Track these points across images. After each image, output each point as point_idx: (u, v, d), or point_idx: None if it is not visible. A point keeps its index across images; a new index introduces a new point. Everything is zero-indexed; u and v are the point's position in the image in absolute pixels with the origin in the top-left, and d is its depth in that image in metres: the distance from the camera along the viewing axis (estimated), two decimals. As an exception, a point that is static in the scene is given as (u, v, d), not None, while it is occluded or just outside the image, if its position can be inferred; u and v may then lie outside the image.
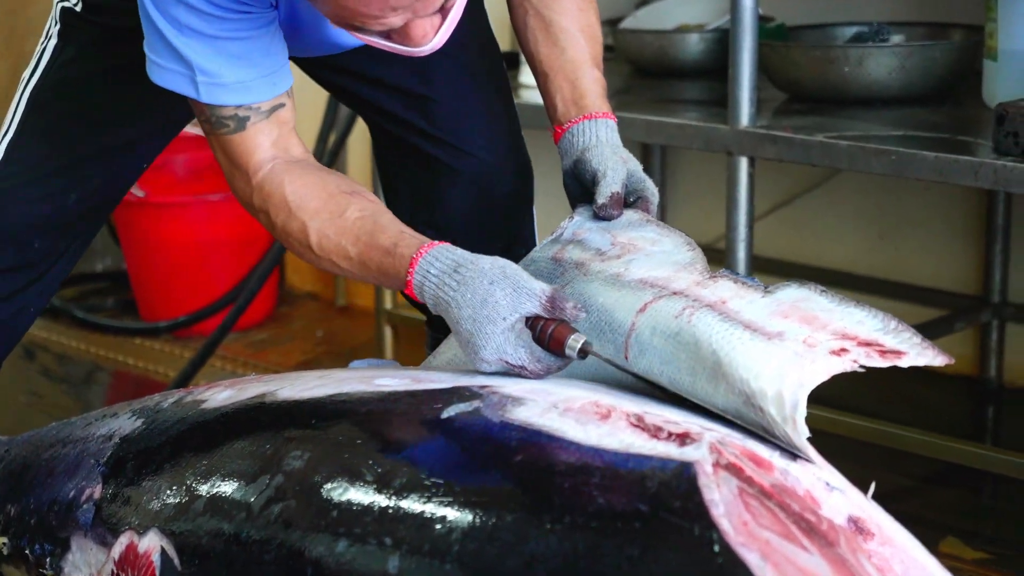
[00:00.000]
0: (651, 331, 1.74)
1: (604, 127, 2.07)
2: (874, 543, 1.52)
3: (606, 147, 2.05)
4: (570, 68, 2.10)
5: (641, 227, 1.98)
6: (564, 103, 2.09)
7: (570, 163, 2.08)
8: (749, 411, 1.61)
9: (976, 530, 2.77)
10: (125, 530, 1.86)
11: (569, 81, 2.10)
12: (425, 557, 1.52)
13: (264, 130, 1.97)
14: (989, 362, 3.30)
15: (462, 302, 1.77)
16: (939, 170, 2.45)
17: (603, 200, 1.99)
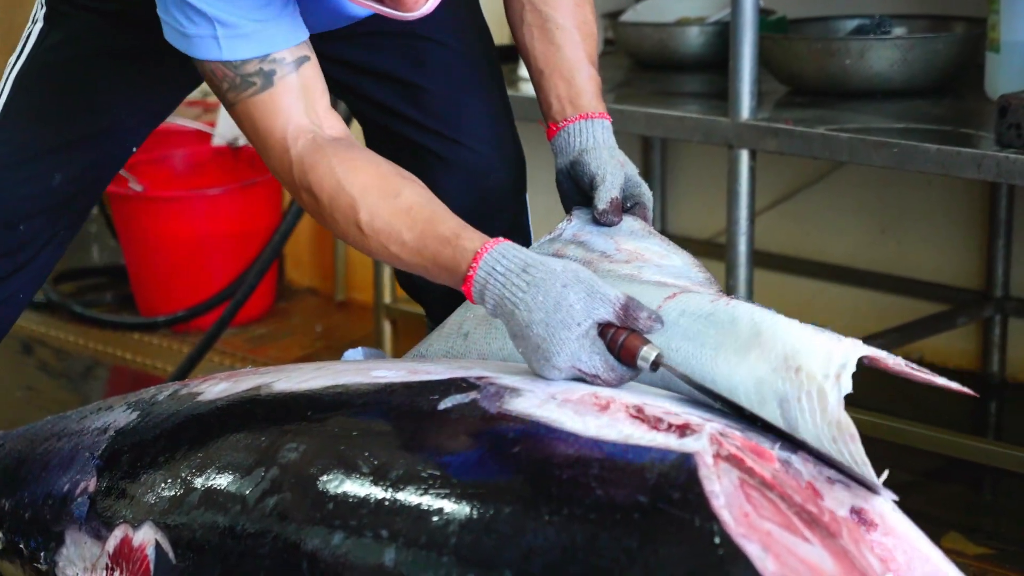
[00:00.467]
0: (679, 313, 1.73)
1: (600, 128, 2.07)
2: (877, 534, 1.51)
3: (604, 150, 2.04)
4: (566, 66, 2.09)
5: (645, 238, 1.97)
6: (560, 101, 2.08)
7: (566, 163, 2.07)
8: (776, 377, 1.58)
9: (978, 525, 2.76)
10: (120, 523, 1.84)
11: (565, 79, 2.09)
12: (422, 549, 1.51)
13: (293, 89, 1.87)
14: (992, 357, 3.28)
15: (533, 305, 1.67)
16: (941, 163, 2.44)
17: (603, 206, 1.98)
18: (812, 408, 1.58)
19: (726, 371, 1.66)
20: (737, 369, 1.65)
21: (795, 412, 1.59)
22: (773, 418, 1.61)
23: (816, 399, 1.58)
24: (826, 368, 1.56)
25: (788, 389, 1.59)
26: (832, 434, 1.56)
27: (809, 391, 1.58)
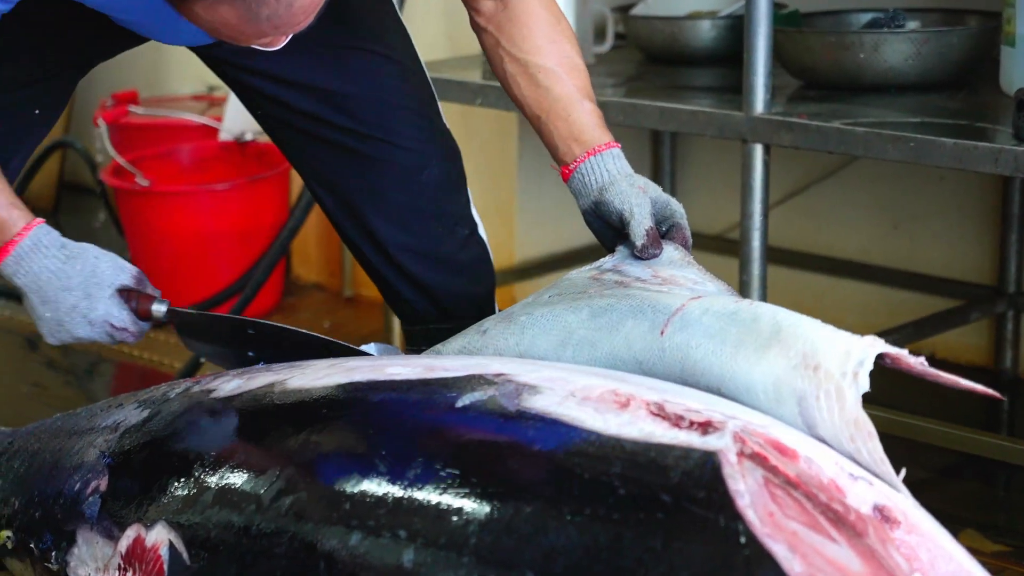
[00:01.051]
0: (702, 311, 1.72)
1: (611, 159, 2.03)
2: (900, 531, 1.48)
3: (622, 182, 2.00)
4: (559, 106, 2.06)
5: (683, 267, 1.96)
6: (563, 142, 2.06)
7: (589, 204, 2.04)
8: (795, 375, 1.57)
9: (992, 522, 2.74)
10: (132, 523, 1.82)
11: (562, 119, 2.06)
12: (441, 550, 1.49)
13: None
14: (1005, 353, 3.27)
15: (72, 272, 1.99)
16: (959, 157, 2.41)
17: (640, 242, 1.95)
18: (831, 407, 1.57)
19: (745, 368, 1.65)
20: (756, 367, 1.63)
21: (813, 411, 1.58)
22: (791, 417, 1.60)
23: (834, 397, 1.56)
24: (844, 366, 1.55)
25: (807, 387, 1.58)
26: (850, 433, 1.55)
27: (827, 389, 1.57)
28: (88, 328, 2.01)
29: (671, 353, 1.73)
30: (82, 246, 2.01)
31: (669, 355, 1.73)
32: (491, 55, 2.12)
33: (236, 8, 1.63)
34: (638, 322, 1.78)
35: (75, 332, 2.02)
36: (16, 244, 1.99)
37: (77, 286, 1.99)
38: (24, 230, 1.99)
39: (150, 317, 2.06)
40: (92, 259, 2.01)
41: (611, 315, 1.82)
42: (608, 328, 1.81)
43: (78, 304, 2.00)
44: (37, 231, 2.00)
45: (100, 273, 2.00)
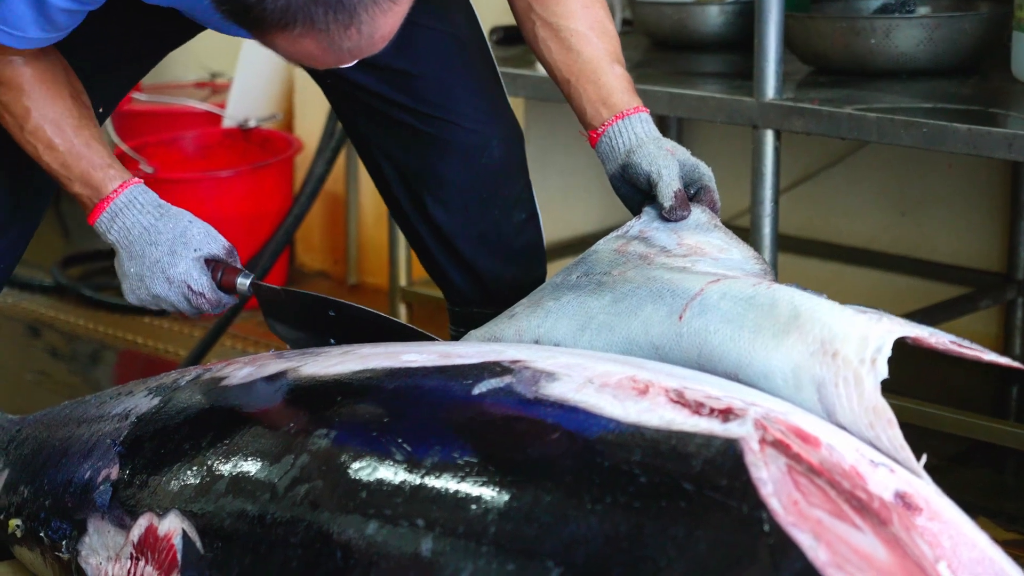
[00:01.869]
0: (720, 296, 1.71)
1: (639, 123, 2.03)
2: (922, 518, 1.47)
3: (650, 144, 2.00)
4: (589, 69, 2.06)
5: (708, 232, 1.94)
6: (592, 105, 2.05)
7: (616, 168, 2.04)
8: (813, 362, 1.56)
9: (1002, 509, 2.73)
10: (144, 512, 1.81)
11: (591, 82, 2.05)
12: (460, 539, 1.47)
13: None
14: (1014, 340, 3.26)
15: (162, 229, 2.01)
16: (972, 143, 2.40)
17: (669, 203, 1.95)
18: (849, 393, 1.56)
19: (763, 355, 1.63)
20: (774, 353, 1.62)
21: (832, 397, 1.56)
22: (811, 403, 1.58)
23: (853, 384, 1.55)
24: (862, 352, 1.53)
25: (825, 374, 1.57)
26: (869, 420, 1.54)
27: (846, 376, 1.55)
28: (166, 286, 2.01)
29: (688, 339, 1.71)
30: (179, 210, 2.04)
31: (687, 340, 1.72)
32: (523, 20, 2.11)
33: (320, 42, 1.63)
34: (657, 307, 1.76)
35: (153, 288, 2.01)
36: (111, 201, 2.02)
37: (164, 242, 2.00)
38: (120, 187, 2.02)
39: (234, 290, 2.04)
40: (186, 222, 2.02)
41: (631, 300, 1.81)
42: (627, 313, 1.80)
43: (161, 259, 2.00)
44: (133, 189, 2.02)
45: (189, 236, 2.01)
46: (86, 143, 2.03)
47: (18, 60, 2.00)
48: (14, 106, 2.02)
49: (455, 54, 2.25)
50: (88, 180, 2.03)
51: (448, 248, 2.28)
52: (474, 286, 2.30)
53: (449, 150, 2.24)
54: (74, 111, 2.04)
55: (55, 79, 2.03)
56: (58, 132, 2.02)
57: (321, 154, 3.76)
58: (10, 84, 2.01)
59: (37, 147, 2.03)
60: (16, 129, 2.03)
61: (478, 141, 2.25)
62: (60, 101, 2.03)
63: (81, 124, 2.04)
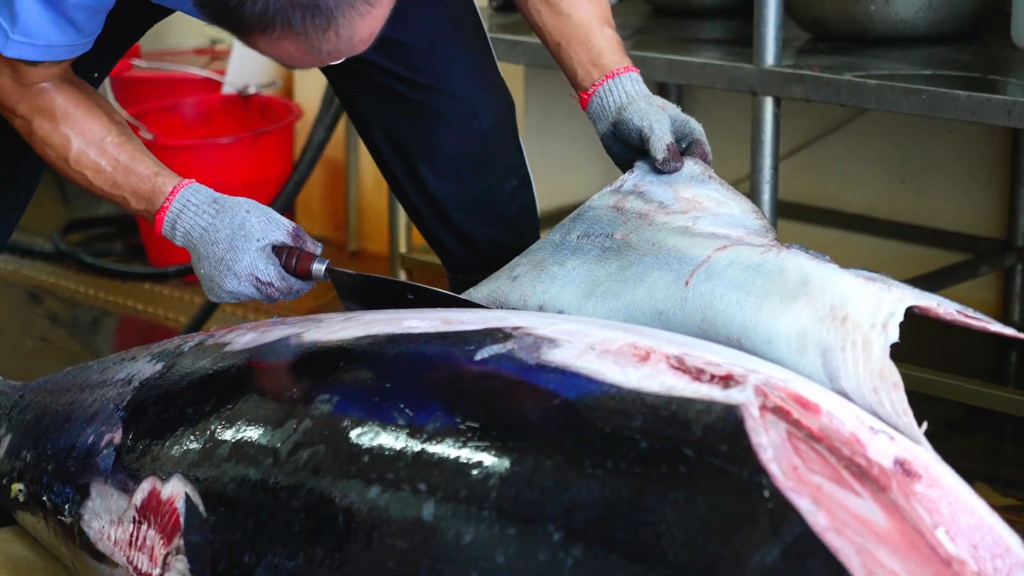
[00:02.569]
0: (728, 263, 1.71)
1: (630, 81, 2.05)
2: (921, 485, 1.48)
3: (640, 101, 2.02)
4: (580, 32, 2.07)
5: (704, 183, 1.95)
6: (582, 67, 2.06)
7: (607, 127, 2.05)
8: (821, 326, 1.57)
9: (999, 475, 2.74)
10: (147, 476, 1.82)
11: (582, 44, 2.07)
12: (462, 504, 1.48)
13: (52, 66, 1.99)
14: (1013, 306, 3.26)
15: (220, 226, 1.96)
16: (972, 110, 2.40)
17: (662, 155, 1.96)
18: (856, 357, 1.56)
19: (769, 319, 1.64)
20: (781, 317, 1.63)
21: (838, 361, 1.57)
22: (813, 369, 1.59)
23: (861, 348, 1.56)
24: (873, 317, 1.54)
25: (832, 338, 1.57)
26: (874, 384, 1.55)
27: (855, 340, 1.56)
28: (236, 281, 1.97)
29: (693, 303, 1.72)
30: (235, 200, 1.99)
31: (691, 304, 1.73)
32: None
33: (298, 45, 1.64)
34: (663, 273, 1.77)
35: (224, 286, 1.97)
36: (166, 210, 1.99)
37: (224, 239, 1.96)
38: (171, 194, 2.00)
39: (309, 275, 2.00)
40: (242, 213, 1.97)
41: (638, 267, 1.81)
42: (633, 280, 1.81)
43: (224, 256, 1.96)
44: (184, 192, 2.00)
45: (248, 227, 1.97)
46: (130, 157, 2.02)
47: (48, 88, 2.00)
48: (53, 136, 2.02)
49: (446, 23, 2.26)
50: (141, 195, 2.02)
51: (442, 216, 2.29)
52: (470, 253, 2.31)
53: (441, 119, 2.25)
54: (113, 129, 2.03)
55: (88, 100, 2.03)
56: (102, 154, 2.02)
57: (321, 121, 3.76)
58: (45, 113, 2.01)
59: (85, 174, 2.03)
60: (61, 162, 2.04)
61: (469, 110, 2.26)
62: (97, 122, 2.02)
63: (122, 140, 2.03)
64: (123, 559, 1.84)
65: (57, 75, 2.00)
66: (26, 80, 1.99)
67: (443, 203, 2.28)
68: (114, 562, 1.86)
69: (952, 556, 1.41)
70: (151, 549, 1.78)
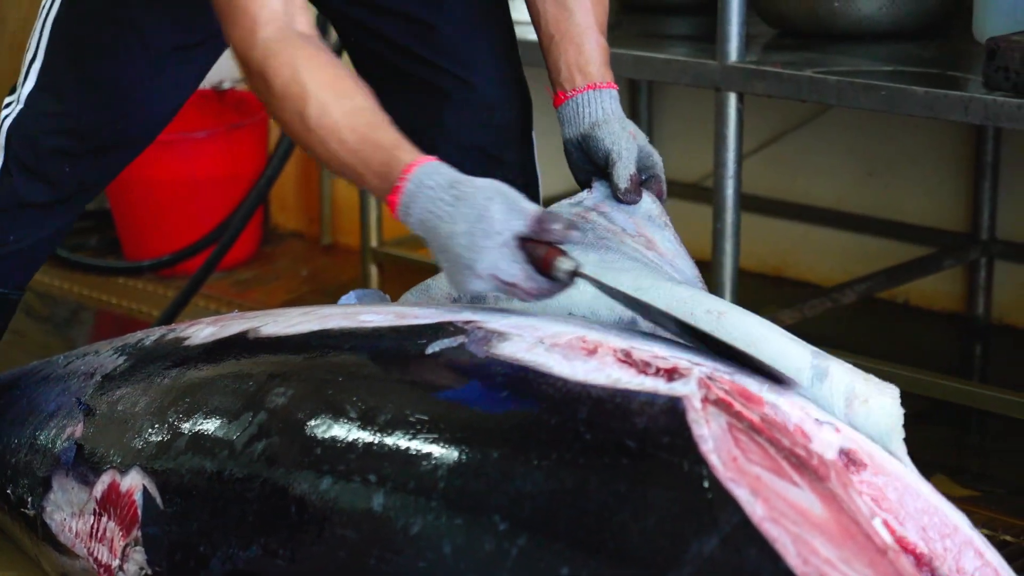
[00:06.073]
0: None
1: (609, 98, 2.07)
2: (867, 473, 1.51)
3: (615, 123, 2.04)
4: (577, 31, 2.09)
5: (661, 229, 2.00)
6: (569, 68, 2.08)
7: (576, 134, 2.07)
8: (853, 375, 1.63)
9: (964, 467, 2.76)
10: (107, 469, 1.84)
11: (576, 44, 2.08)
12: (410, 494, 1.51)
13: None
14: (977, 299, 3.29)
15: (458, 216, 1.71)
16: (929, 105, 2.43)
17: (624, 184, 1.99)
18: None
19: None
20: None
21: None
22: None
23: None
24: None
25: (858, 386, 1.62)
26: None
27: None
28: (479, 282, 1.71)
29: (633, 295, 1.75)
30: (476, 184, 1.73)
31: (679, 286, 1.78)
32: None
33: None
34: (648, 269, 1.83)
35: (469, 287, 1.72)
36: (401, 191, 1.75)
37: (462, 233, 1.70)
38: (404, 172, 1.76)
39: (552, 272, 1.71)
40: (483, 200, 1.71)
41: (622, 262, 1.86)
42: (617, 268, 1.85)
43: (462, 255, 1.70)
44: (419, 171, 1.75)
45: (489, 218, 1.70)
46: (372, 127, 1.81)
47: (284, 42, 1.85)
48: (291, 87, 1.82)
49: (478, 12, 2.27)
50: (376, 169, 1.79)
51: None
52: None
53: (460, 107, 2.25)
54: (357, 92, 1.84)
55: (333, 64, 1.87)
56: (348, 116, 1.81)
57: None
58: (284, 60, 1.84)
59: (327, 143, 1.81)
60: (299, 126, 1.84)
61: (490, 101, 2.26)
62: (343, 84, 1.84)
63: (366, 106, 1.83)
64: (84, 551, 1.86)
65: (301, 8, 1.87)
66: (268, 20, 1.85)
67: None
68: (75, 554, 1.88)
69: (888, 544, 1.44)
70: (111, 541, 1.81)
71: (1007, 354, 3.26)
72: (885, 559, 1.40)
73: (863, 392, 1.59)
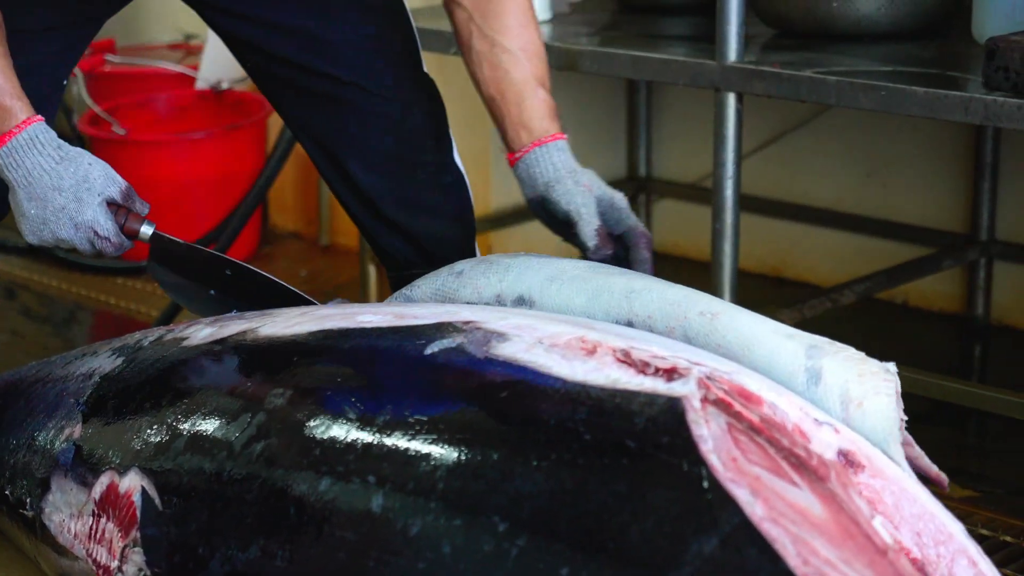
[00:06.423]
0: None
1: (556, 152, 2.08)
2: (864, 475, 1.51)
3: (568, 180, 2.05)
4: (514, 90, 2.10)
5: None
6: (513, 128, 2.10)
7: (535, 195, 2.10)
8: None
9: (963, 468, 2.76)
10: (106, 470, 1.84)
11: (515, 104, 2.10)
12: (409, 495, 1.51)
13: None
14: (976, 300, 3.29)
15: (65, 175, 1.96)
16: (929, 106, 2.42)
17: (592, 243, 2.02)
18: None
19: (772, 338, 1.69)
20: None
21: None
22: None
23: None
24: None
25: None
26: None
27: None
28: (72, 231, 1.97)
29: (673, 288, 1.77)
30: (77, 150, 1.99)
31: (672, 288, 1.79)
32: (461, 30, 2.15)
33: None
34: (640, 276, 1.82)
35: (59, 233, 1.97)
36: (13, 136, 1.96)
37: (68, 188, 1.95)
38: (23, 123, 1.96)
39: (136, 236, 2.04)
40: (86, 164, 1.97)
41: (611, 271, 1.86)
42: (605, 272, 1.84)
43: (67, 206, 1.95)
44: (36, 127, 1.97)
45: (92, 179, 1.97)
46: None
47: None
48: None
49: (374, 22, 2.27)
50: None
51: (377, 213, 2.29)
52: (409, 248, 2.31)
53: (369, 117, 2.26)
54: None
55: None
56: None
57: (292, 116, 3.77)
58: None
59: None
60: None
61: (399, 108, 2.27)
62: None
63: None
64: (83, 552, 1.86)
65: None
66: None
67: (376, 200, 2.28)
68: (74, 555, 1.88)
69: (888, 545, 1.43)
70: (110, 542, 1.80)
71: (1006, 355, 3.26)
72: (885, 559, 1.40)
73: (858, 395, 1.59)
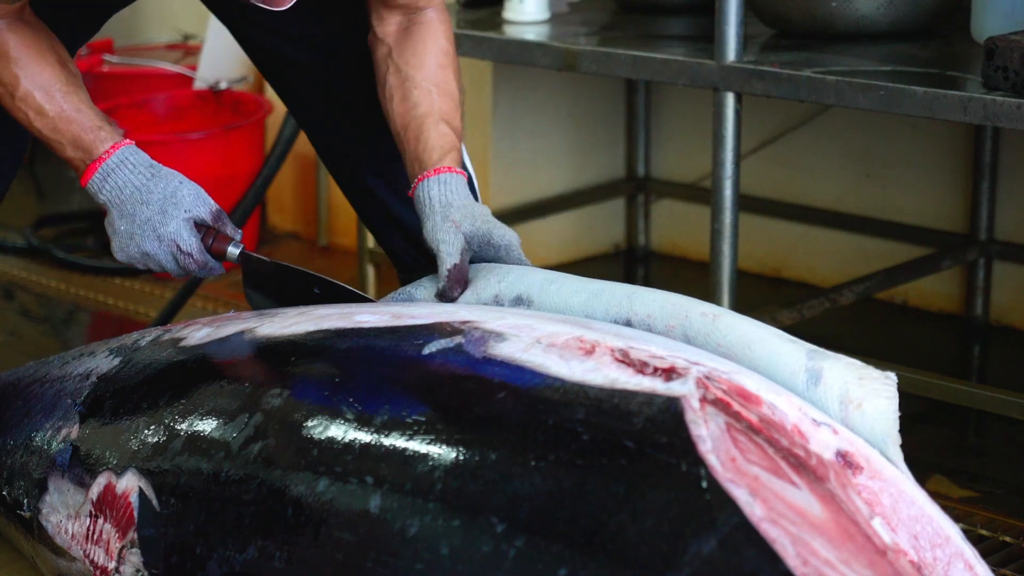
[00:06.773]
0: None
1: (437, 185, 2.02)
2: (863, 476, 1.50)
3: (436, 215, 1.99)
4: (416, 124, 2.09)
5: None
6: (409, 162, 2.08)
7: None
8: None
9: (962, 468, 2.76)
10: (103, 471, 1.83)
11: (415, 137, 2.08)
12: (407, 495, 1.50)
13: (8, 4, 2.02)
14: (976, 300, 3.28)
15: (153, 189, 2.01)
16: (928, 105, 2.42)
17: (442, 283, 1.94)
18: None
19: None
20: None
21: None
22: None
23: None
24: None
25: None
26: None
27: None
28: (156, 243, 2.01)
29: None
30: (169, 170, 2.05)
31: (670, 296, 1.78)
32: (380, 66, 2.14)
33: None
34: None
35: (143, 246, 2.01)
36: (103, 162, 2.02)
37: (155, 202, 2.01)
38: (112, 148, 2.02)
39: (223, 256, 2.05)
40: (176, 183, 2.03)
41: None
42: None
43: (152, 218, 2.00)
44: (124, 150, 2.03)
45: (180, 196, 2.02)
46: (76, 107, 2.04)
47: (2, 26, 2.01)
48: (3, 74, 2.03)
49: None
50: (79, 143, 2.04)
51: (388, 215, 2.29)
52: (418, 251, 2.30)
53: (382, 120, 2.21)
54: (62, 76, 2.05)
55: (40, 45, 2.05)
56: (48, 98, 2.03)
57: (291, 116, 3.76)
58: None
59: (28, 113, 2.04)
60: (7, 97, 2.05)
61: None
62: (48, 67, 2.04)
63: (70, 89, 2.05)
64: (80, 553, 1.85)
65: (13, 13, 2.01)
66: None
67: (387, 201, 2.28)
68: (72, 556, 1.88)
69: (888, 545, 1.43)
70: (107, 543, 1.80)
71: (1005, 355, 3.25)
72: (884, 560, 1.39)
73: (857, 396, 1.58)
